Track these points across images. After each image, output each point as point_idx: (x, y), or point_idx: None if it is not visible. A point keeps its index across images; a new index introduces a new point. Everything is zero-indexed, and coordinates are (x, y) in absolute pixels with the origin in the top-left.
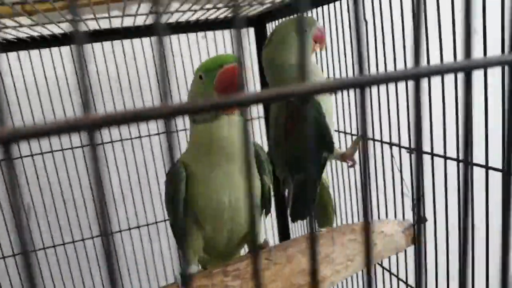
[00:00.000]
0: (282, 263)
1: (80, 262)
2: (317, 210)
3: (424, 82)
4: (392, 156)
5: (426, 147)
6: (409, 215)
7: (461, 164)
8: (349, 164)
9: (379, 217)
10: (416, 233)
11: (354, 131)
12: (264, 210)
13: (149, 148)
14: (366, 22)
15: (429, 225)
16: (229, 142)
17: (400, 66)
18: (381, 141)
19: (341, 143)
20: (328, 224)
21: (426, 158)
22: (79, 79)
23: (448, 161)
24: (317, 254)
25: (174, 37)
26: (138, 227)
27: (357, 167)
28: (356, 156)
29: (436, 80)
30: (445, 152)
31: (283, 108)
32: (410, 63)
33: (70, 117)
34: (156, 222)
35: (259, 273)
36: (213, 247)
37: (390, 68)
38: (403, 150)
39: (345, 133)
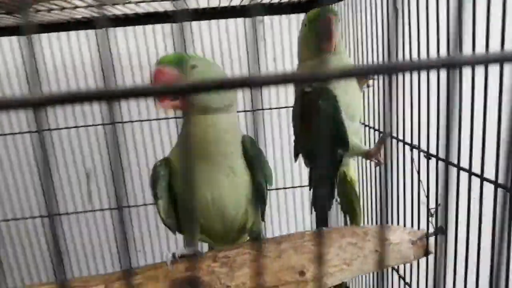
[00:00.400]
0: (272, 257)
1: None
2: (344, 207)
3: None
4: (412, 159)
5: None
6: (422, 224)
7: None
8: (375, 163)
9: (398, 223)
10: (437, 244)
11: (382, 128)
12: (260, 206)
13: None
14: (397, 10)
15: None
16: (206, 139)
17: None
18: (404, 142)
19: (370, 139)
20: (355, 222)
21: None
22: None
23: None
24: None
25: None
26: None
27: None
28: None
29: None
30: (458, 162)
31: (299, 100)
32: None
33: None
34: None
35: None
36: (211, 233)
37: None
38: (420, 154)
39: (374, 129)
